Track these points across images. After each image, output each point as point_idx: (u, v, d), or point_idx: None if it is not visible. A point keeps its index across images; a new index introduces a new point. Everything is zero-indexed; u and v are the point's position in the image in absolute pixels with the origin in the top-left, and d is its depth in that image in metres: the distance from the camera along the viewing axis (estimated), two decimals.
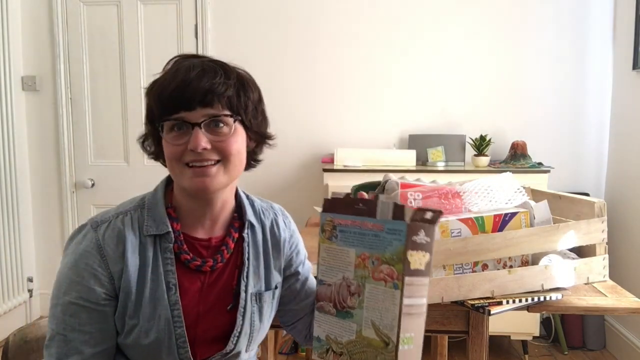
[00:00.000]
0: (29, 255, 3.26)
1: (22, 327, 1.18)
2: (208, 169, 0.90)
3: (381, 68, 3.08)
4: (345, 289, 0.86)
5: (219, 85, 0.89)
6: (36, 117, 3.23)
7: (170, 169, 0.93)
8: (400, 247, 0.78)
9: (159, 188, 1.00)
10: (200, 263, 0.96)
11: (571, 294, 1.28)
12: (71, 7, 3.15)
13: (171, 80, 0.89)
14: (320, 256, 0.90)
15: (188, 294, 0.96)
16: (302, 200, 3.13)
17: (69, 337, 0.91)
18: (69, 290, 0.91)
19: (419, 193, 1.29)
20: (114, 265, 0.91)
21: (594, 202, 1.31)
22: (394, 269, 0.79)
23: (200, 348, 0.97)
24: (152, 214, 0.96)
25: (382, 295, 0.81)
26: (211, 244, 0.99)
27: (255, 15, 3.11)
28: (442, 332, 1.32)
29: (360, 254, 0.84)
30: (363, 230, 0.84)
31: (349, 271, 0.85)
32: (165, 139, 0.91)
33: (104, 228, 0.93)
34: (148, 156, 1.01)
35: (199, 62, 0.91)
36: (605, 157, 3.04)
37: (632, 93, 2.76)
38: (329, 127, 3.13)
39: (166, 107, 0.89)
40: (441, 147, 2.93)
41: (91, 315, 0.91)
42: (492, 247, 1.22)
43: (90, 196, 3.25)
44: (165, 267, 0.94)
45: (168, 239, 0.95)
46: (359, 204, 0.84)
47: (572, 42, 3.00)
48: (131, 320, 0.92)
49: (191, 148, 0.88)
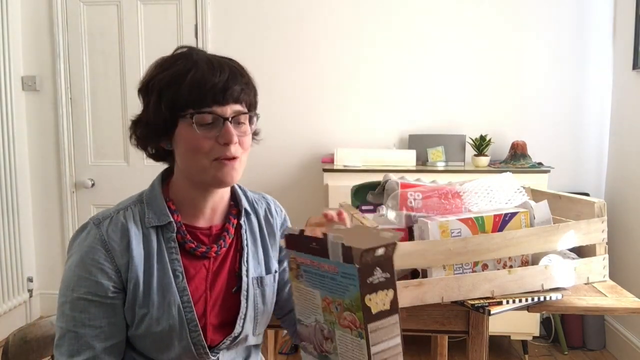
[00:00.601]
0: (29, 255, 3.26)
1: (22, 327, 1.18)
2: (235, 162, 0.94)
3: (381, 68, 3.08)
4: (319, 332, 0.79)
5: (247, 87, 0.97)
6: (36, 117, 3.23)
7: (191, 162, 0.94)
8: (356, 293, 0.70)
9: (155, 184, 1.02)
10: (205, 250, 1.00)
11: (571, 294, 1.28)
12: (71, 7, 3.15)
13: (207, 74, 0.91)
14: (294, 295, 0.82)
15: (195, 281, 0.99)
16: (302, 200, 3.13)
17: (80, 333, 0.92)
18: (77, 286, 0.93)
19: (419, 193, 1.29)
20: (120, 258, 0.94)
21: (594, 202, 1.31)
22: (355, 317, 0.71)
23: (211, 333, 1.00)
24: (152, 208, 0.99)
25: (350, 344, 0.74)
26: (212, 232, 1.03)
27: (255, 15, 3.11)
28: (442, 332, 1.32)
29: (324, 297, 0.76)
30: (322, 272, 0.75)
31: (319, 314, 0.78)
32: (192, 131, 0.91)
33: (106, 224, 0.96)
34: (136, 146, 1.01)
35: (224, 62, 0.95)
36: (605, 157, 3.04)
37: (632, 93, 2.76)
38: (329, 127, 3.13)
39: (203, 100, 0.91)
40: (441, 147, 2.93)
41: (100, 310, 0.93)
42: (492, 247, 1.22)
43: (90, 196, 3.25)
44: (170, 255, 0.97)
45: (170, 229, 0.98)
46: (312, 243, 0.76)
47: (572, 42, 3.00)
48: (141, 309, 0.94)
49: (226, 141, 0.92)
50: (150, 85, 0.95)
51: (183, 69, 0.93)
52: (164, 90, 0.93)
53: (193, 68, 0.92)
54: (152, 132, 0.97)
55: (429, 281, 1.19)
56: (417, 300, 1.18)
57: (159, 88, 0.94)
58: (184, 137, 0.93)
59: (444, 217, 1.24)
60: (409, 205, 1.28)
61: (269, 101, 3.03)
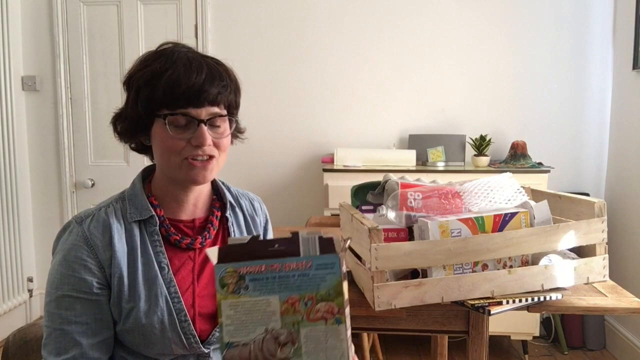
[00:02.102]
0: (29, 255, 3.26)
1: (22, 327, 1.18)
2: (208, 163, 0.96)
3: (381, 68, 3.08)
4: (271, 342, 0.77)
5: (226, 88, 0.96)
6: (36, 117, 3.23)
7: (164, 160, 0.96)
8: (336, 280, 0.75)
9: (136, 181, 1.04)
10: (190, 241, 1.01)
11: (571, 294, 1.28)
12: (71, 7, 3.15)
13: (183, 76, 0.92)
14: (224, 315, 0.78)
15: (181, 272, 1.00)
16: (302, 200, 3.13)
17: (66, 330, 0.92)
18: (61, 284, 0.93)
19: (419, 193, 1.29)
20: (103, 254, 0.94)
21: (594, 202, 1.31)
22: (333, 304, 0.76)
23: (200, 323, 1.00)
24: (133, 203, 1.00)
25: (323, 335, 0.76)
26: (195, 224, 1.04)
27: (255, 16, 3.11)
28: (442, 332, 1.32)
29: (287, 299, 0.77)
30: (285, 273, 0.76)
31: (274, 321, 0.77)
32: (166, 131, 0.93)
33: (88, 221, 0.97)
34: (118, 140, 1.03)
35: (204, 61, 0.95)
36: (605, 157, 3.04)
37: (632, 93, 2.76)
38: (329, 127, 3.13)
39: (176, 101, 0.92)
40: (441, 147, 2.93)
41: (86, 306, 0.93)
42: (492, 247, 1.22)
43: (90, 196, 3.25)
44: (154, 249, 0.98)
45: (153, 223, 0.99)
46: (275, 245, 0.77)
47: (572, 42, 3.00)
48: (128, 304, 0.95)
49: (198, 144, 0.93)
50: (131, 81, 0.97)
51: (161, 68, 0.93)
52: (141, 88, 0.95)
53: (170, 68, 0.93)
54: (130, 128, 0.99)
55: (429, 281, 1.19)
56: (417, 300, 1.18)
57: (137, 85, 0.95)
58: (159, 136, 0.95)
59: (444, 217, 1.24)
60: (409, 205, 1.28)
61: (269, 101, 3.03)
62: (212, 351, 1.02)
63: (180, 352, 0.98)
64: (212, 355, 1.03)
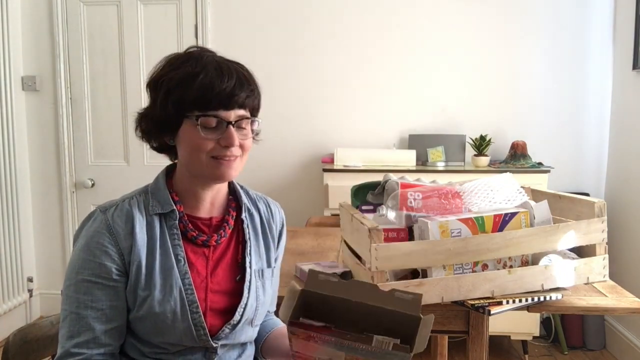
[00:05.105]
0: (29, 255, 3.26)
1: (22, 327, 1.18)
2: (233, 162, 1.00)
3: (381, 68, 3.08)
4: None
5: (252, 93, 1.02)
6: (36, 117, 3.23)
7: (193, 158, 1.00)
8: None
9: (159, 177, 1.08)
10: (206, 238, 1.05)
11: (571, 294, 1.28)
12: (71, 7, 3.15)
13: (216, 80, 0.96)
14: None
15: (196, 267, 1.04)
16: (302, 200, 3.14)
17: (82, 314, 0.96)
18: (82, 269, 0.97)
19: (419, 193, 1.29)
20: (124, 242, 0.98)
21: (594, 202, 1.31)
22: None
23: (211, 318, 1.03)
24: (156, 197, 1.04)
25: None
26: (212, 222, 1.08)
27: (255, 16, 3.11)
28: (442, 332, 1.32)
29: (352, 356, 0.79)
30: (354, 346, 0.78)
31: None
32: (197, 131, 0.97)
33: (112, 210, 1.01)
34: (141, 138, 1.06)
35: (232, 66, 1.01)
36: (605, 157, 3.04)
37: (632, 93, 2.76)
38: (329, 127, 3.13)
39: (208, 103, 0.97)
40: (441, 147, 2.93)
41: (103, 292, 0.97)
42: (492, 247, 1.22)
43: (90, 196, 3.25)
44: (172, 241, 1.02)
45: (173, 217, 1.03)
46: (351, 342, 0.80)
47: (572, 42, 3.00)
48: (144, 292, 0.98)
49: (227, 144, 0.98)
50: (160, 83, 1.00)
51: (192, 72, 0.97)
52: (172, 90, 0.98)
53: (202, 72, 0.97)
54: (157, 127, 1.02)
55: (429, 281, 1.20)
56: None
57: (167, 87, 0.99)
58: (188, 136, 0.98)
59: (444, 217, 1.24)
60: (409, 205, 1.28)
61: (269, 101, 3.01)
62: (220, 347, 1.04)
63: (190, 344, 1.01)
64: (220, 351, 1.05)
